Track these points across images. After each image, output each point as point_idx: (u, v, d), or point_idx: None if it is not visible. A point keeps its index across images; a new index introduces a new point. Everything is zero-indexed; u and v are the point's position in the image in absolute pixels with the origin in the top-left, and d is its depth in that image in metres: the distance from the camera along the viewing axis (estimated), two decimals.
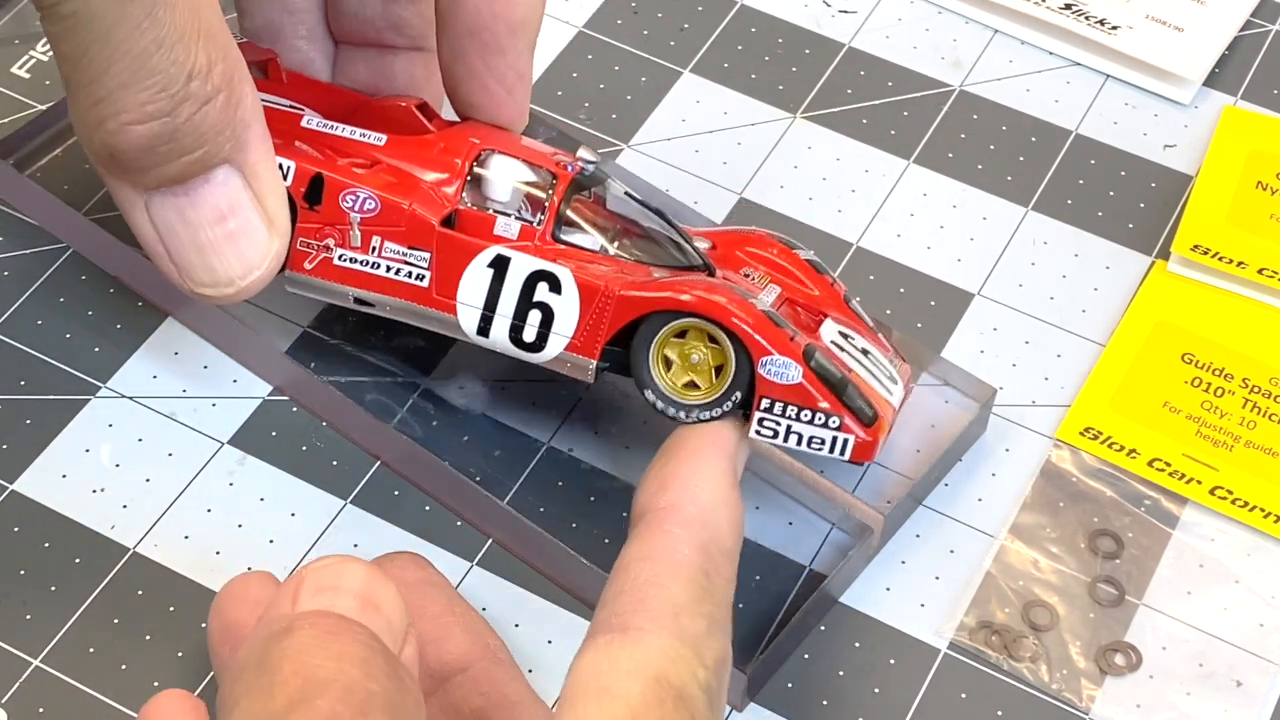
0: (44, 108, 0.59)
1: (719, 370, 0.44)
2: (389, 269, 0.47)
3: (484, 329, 0.46)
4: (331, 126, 0.48)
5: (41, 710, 0.47)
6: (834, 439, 0.45)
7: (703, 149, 0.60)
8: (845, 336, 0.47)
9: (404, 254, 0.46)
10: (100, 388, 0.53)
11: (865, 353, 0.47)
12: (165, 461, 0.52)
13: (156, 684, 0.47)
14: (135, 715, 0.47)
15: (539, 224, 0.46)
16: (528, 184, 0.47)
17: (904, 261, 0.57)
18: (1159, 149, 0.60)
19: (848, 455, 0.45)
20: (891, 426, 0.47)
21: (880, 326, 0.53)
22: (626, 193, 0.48)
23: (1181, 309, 0.56)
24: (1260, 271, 0.56)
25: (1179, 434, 0.53)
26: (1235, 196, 0.58)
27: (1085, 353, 0.55)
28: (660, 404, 0.45)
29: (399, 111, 0.48)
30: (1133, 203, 0.59)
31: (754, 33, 0.63)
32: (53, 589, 0.49)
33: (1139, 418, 0.53)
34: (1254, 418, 0.53)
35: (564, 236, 0.46)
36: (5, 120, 0.59)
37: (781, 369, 0.44)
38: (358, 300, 0.47)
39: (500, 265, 0.46)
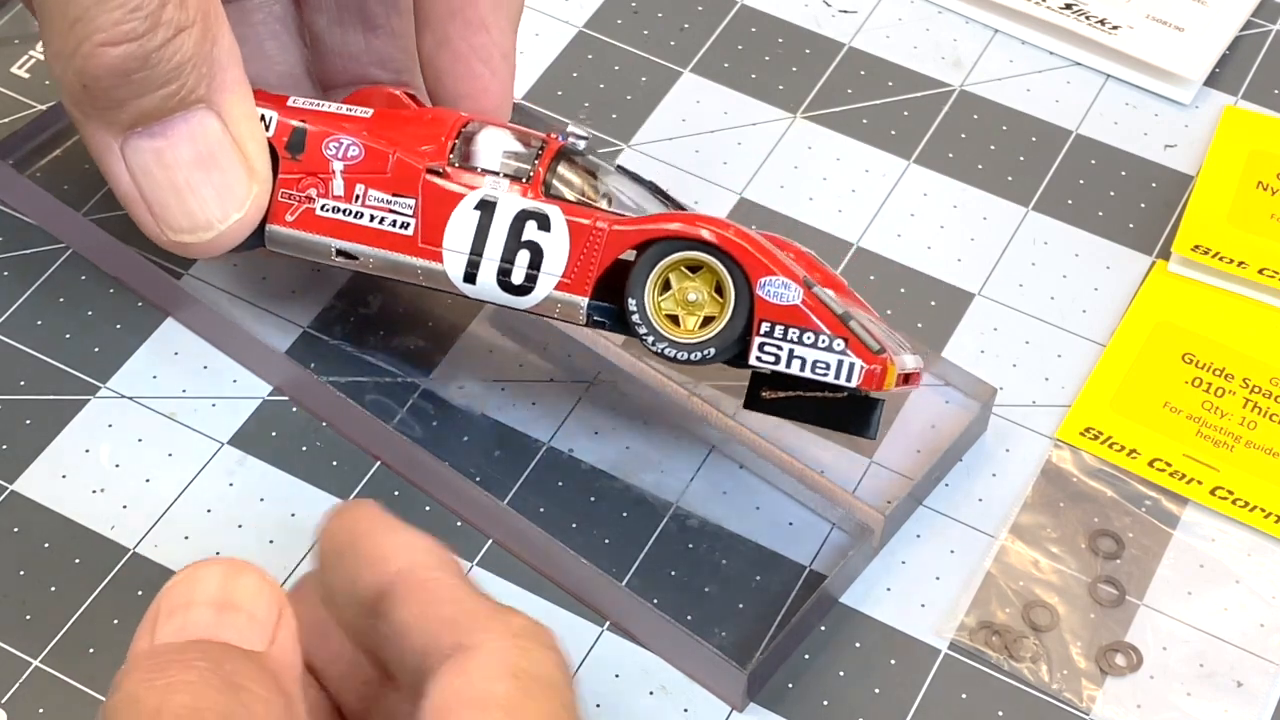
0: (44, 108, 0.58)
1: (708, 321, 0.43)
2: (373, 218, 0.45)
3: (471, 275, 0.45)
4: (318, 104, 0.47)
5: (41, 710, 0.47)
6: (840, 363, 0.43)
7: (703, 149, 0.60)
8: (857, 311, 0.46)
9: (388, 201, 0.45)
10: (100, 388, 0.53)
11: (872, 324, 0.46)
12: (165, 461, 0.51)
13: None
14: None
15: (526, 181, 0.45)
16: (514, 152, 0.45)
17: (904, 261, 0.57)
18: (1159, 149, 0.60)
19: (856, 381, 0.43)
20: (899, 382, 0.45)
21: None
22: (619, 167, 0.47)
23: (1182, 309, 0.56)
24: (1261, 271, 0.56)
25: (1179, 434, 0.53)
26: (1236, 196, 0.58)
27: (1086, 353, 0.55)
28: (637, 317, 0.43)
29: (387, 97, 0.48)
30: (1133, 203, 0.59)
31: (754, 33, 0.63)
32: (53, 589, 0.49)
33: (1139, 418, 0.53)
34: (1254, 418, 0.53)
35: (552, 194, 0.45)
36: (5, 120, 0.59)
37: (781, 289, 0.42)
38: (340, 253, 0.46)
39: (487, 208, 0.45)
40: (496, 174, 0.45)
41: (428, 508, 0.51)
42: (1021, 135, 0.60)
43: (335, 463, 0.52)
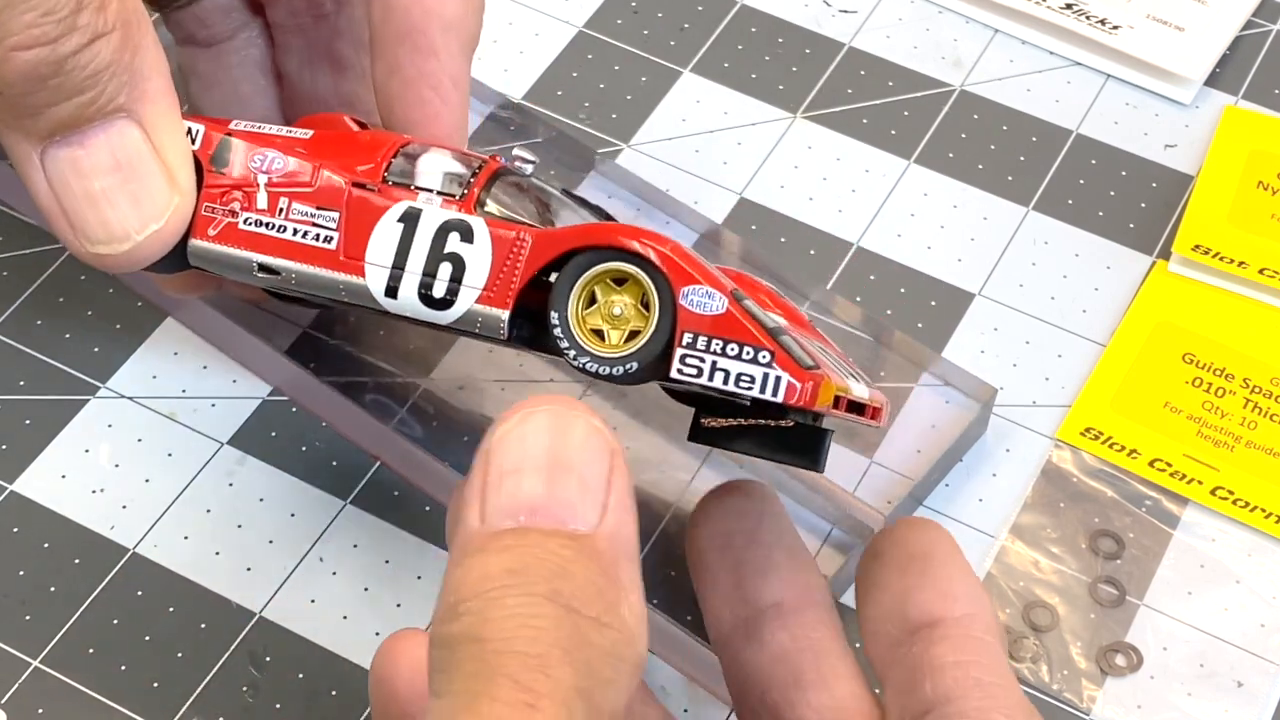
0: None
1: (634, 336, 0.41)
2: (295, 232, 0.44)
3: (392, 289, 0.43)
4: (259, 126, 0.46)
5: (41, 711, 0.47)
6: (765, 376, 0.40)
7: (703, 149, 0.60)
8: (802, 336, 0.44)
9: (312, 215, 0.44)
10: (100, 388, 0.53)
11: (822, 351, 0.44)
12: (165, 461, 0.51)
13: (156, 684, 0.47)
14: (135, 715, 0.47)
15: (460, 199, 0.43)
16: (451, 172, 0.44)
17: (904, 261, 0.57)
18: (1160, 149, 0.60)
19: (780, 395, 0.39)
20: (845, 408, 0.42)
21: (882, 329, 0.53)
22: (565, 190, 0.46)
23: (1182, 309, 0.56)
24: (1261, 271, 0.56)
25: (1180, 434, 0.53)
26: (1236, 196, 0.58)
27: (1086, 353, 0.55)
28: (559, 330, 0.41)
29: (332, 121, 0.47)
30: (1133, 203, 0.59)
31: (754, 33, 0.63)
32: (52, 589, 0.49)
33: (1140, 418, 0.53)
34: (1255, 418, 0.53)
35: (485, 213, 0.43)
36: None
37: (704, 299, 0.40)
38: (262, 268, 0.44)
39: (410, 219, 0.43)
40: (430, 191, 0.43)
41: (427, 508, 0.51)
42: (1022, 135, 0.60)
43: (335, 463, 0.52)
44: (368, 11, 0.47)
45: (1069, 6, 0.63)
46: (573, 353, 0.41)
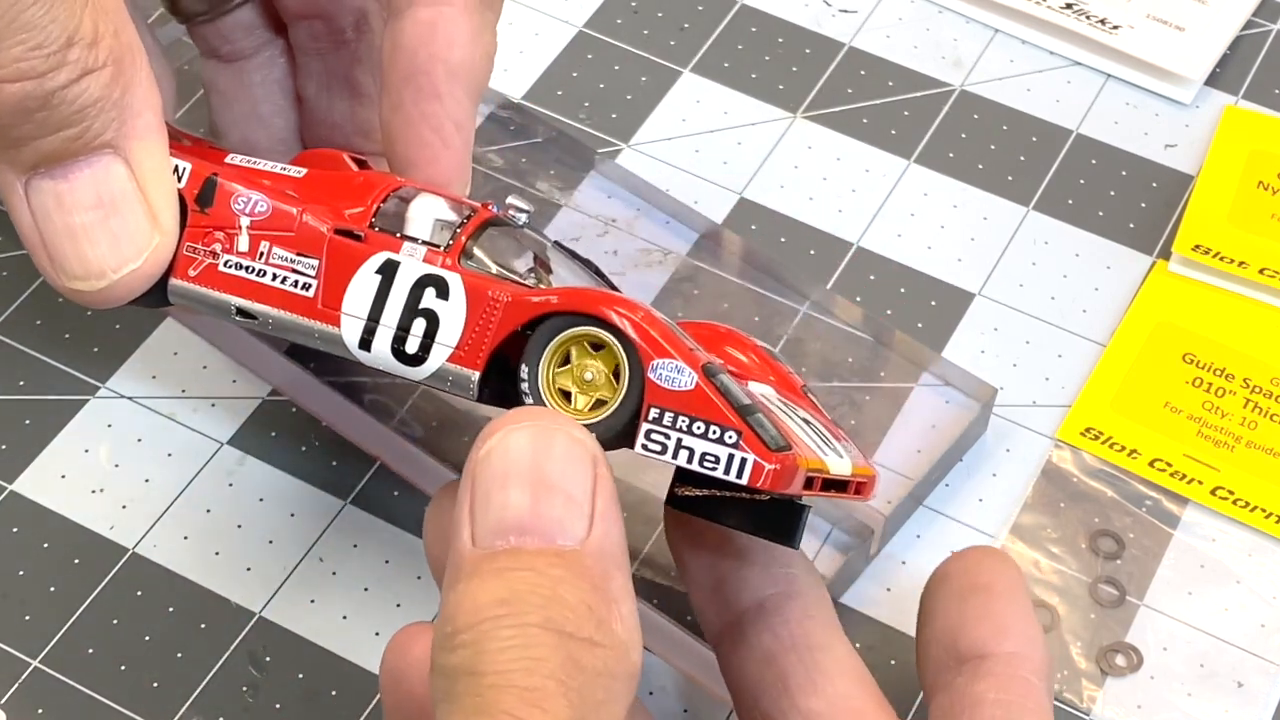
0: None
1: (601, 405, 0.40)
2: (275, 277, 0.43)
3: (366, 341, 0.42)
4: (254, 161, 0.45)
5: (41, 711, 0.47)
6: (730, 457, 0.38)
7: (703, 149, 0.60)
8: (786, 405, 0.43)
9: (292, 260, 0.43)
10: (100, 388, 0.53)
11: (807, 422, 0.43)
12: (165, 462, 0.51)
13: (156, 684, 0.47)
14: (135, 715, 0.47)
15: (445, 249, 0.42)
16: (441, 220, 0.43)
17: (904, 261, 0.57)
18: (1160, 149, 0.60)
19: (745, 478, 0.38)
20: (820, 487, 0.40)
21: (882, 329, 0.53)
22: (556, 243, 0.45)
23: (1182, 309, 0.56)
24: (1261, 271, 0.56)
25: (1180, 434, 0.53)
26: (1236, 196, 0.58)
27: (1086, 353, 0.55)
28: (527, 386, 0.40)
29: (330, 158, 0.46)
30: (1134, 202, 0.59)
31: (754, 32, 0.63)
32: (52, 589, 0.49)
33: (1140, 418, 0.53)
34: (1255, 418, 0.53)
35: (467, 264, 0.42)
36: None
37: (674, 374, 0.39)
38: (240, 312, 0.44)
39: (388, 271, 0.42)
40: (415, 240, 0.43)
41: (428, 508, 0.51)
42: (1022, 135, 0.60)
43: (335, 463, 0.52)
44: (381, 46, 0.47)
45: (1069, 6, 0.63)
46: (525, 387, 0.40)
